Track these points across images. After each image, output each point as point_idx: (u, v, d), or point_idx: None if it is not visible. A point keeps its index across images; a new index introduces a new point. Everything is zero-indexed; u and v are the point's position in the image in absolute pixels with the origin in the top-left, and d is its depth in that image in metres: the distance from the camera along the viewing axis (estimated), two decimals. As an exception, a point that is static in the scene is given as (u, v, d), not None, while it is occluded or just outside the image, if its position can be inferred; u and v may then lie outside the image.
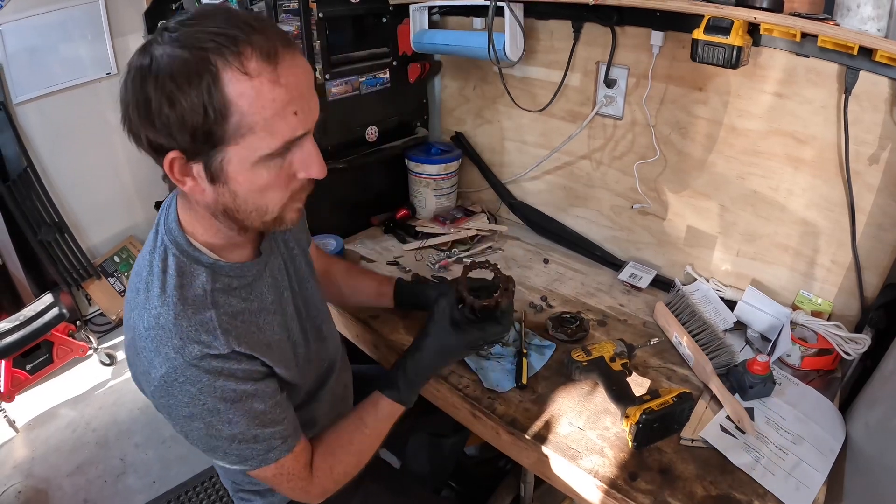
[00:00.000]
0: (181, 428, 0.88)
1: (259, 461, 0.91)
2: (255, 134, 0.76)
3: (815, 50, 1.20)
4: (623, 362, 1.26)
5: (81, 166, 3.12)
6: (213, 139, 0.75)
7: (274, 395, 0.92)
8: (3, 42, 2.78)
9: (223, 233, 0.91)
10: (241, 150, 0.77)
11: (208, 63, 0.72)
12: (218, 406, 0.84)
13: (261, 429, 0.89)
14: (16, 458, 2.48)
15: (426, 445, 1.60)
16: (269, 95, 0.74)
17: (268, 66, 0.74)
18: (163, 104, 0.72)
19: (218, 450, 0.89)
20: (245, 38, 0.73)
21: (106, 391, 2.87)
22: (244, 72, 0.72)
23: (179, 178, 0.80)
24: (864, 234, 1.29)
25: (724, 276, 1.56)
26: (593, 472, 1.07)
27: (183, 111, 0.72)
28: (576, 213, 1.86)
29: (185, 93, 0.72)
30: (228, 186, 0.81)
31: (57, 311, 2.76)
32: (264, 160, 0.79)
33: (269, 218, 0.87)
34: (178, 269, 0.87)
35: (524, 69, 1.77)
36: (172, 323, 0.82)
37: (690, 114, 1.46)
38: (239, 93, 0.73)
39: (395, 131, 1.99)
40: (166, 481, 2.33)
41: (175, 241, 0.89)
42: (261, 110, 0.74)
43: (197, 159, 0.78)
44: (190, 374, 0.82)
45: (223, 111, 0.73)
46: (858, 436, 1.13)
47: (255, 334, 0.91)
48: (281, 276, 1.05)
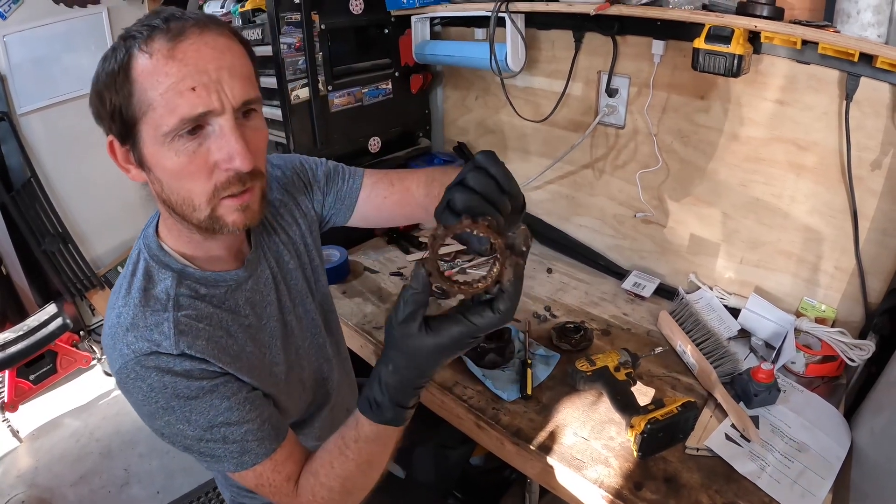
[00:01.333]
0: (151, 426, 0.86)
1: (235, 464, 0.86)
2: (155, 111, 0.76)
3: (816, 57, 1.21)
4: (627, 372, 1.26)
5: (85, 176, 3.13)
6: (126, 118, 0.78)
7: (238, 392, 0.86)
8: (8, 53, 2.80)
9: (186, 237, 0.89)
10: (148, 128, 0.77)
11: (125, 45, 0.76)
12: (171, 403, 0.81)
13: (227, 427, 0.84)
14: (19, 467, 2.48)
15: (432, 456, 1.60)
16: (164, 70, 0.75)
17: (168, 43, 0.75)
18: (97, 82, 0.78)
19: (191, 450, 0.86)
20: (162, 26, 0.76)
21: (109, 401, 2.87)
22: (146, 50, 0.75)
23: (124, 165, 0.84)
24: (867, 240, 1.29)
25: (727, 284, 1.56)
26: (598, 483, 1.06)
27: (104, 90, 0.77)
28: (579, 223, 1.86)
29: (105, 74, 0.77)
30: (154, 172, 0.81)
31: (61, 322, 2.77)
32: (171, 141, 0.77)
33: (201, 215, 0.83)
34: (145, 273, 0.87)
35: (526, 79, 1.78)
36: (130, 322, 0.83)
37: (692, 122, 1.47)
38: (139, 70, 0.75)
39: (397, 142, 2.00)
40: (170, 492, 2.32)
41: (148, 245, 0.90)
42: (156, 85, 0.75)
43: (126, 143, 0.81)
44: (139, 370, 0.81)
45: (129, 88, 0.76)
46: (864, 442, 1.13)
47: (222, 339, 0.89)
48: (266, 290, 1.01)
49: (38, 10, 2.82)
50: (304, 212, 1.13)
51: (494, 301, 0.68)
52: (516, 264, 0.68)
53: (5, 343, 2.58)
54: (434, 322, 0.70)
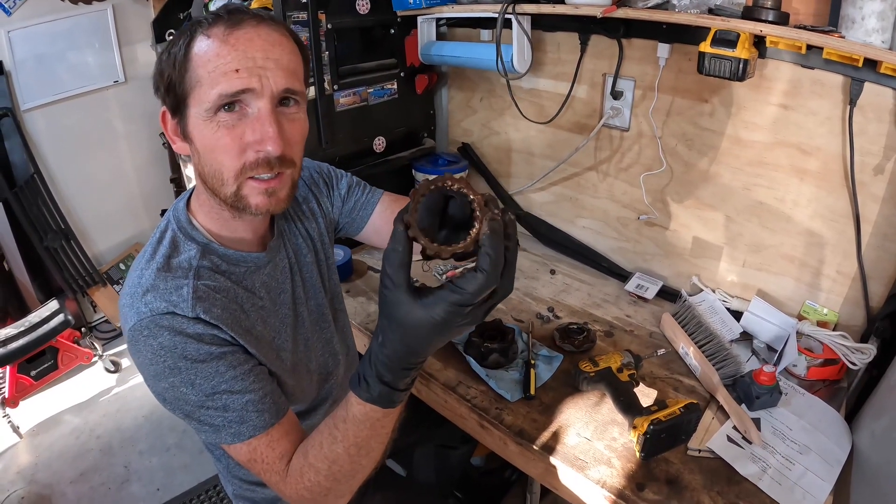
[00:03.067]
0: (154, 389, 0.88)
1: (232, 435, 0.86)
2: (202, 87, 0.83)
3: (821, 62, 1.22)
4: (630, 373, 1.26)
5: (88, 173, 3.14)
6: (179, 93, 0.85)
7: (244, 363, 0.88)
8: (12, 49, 2.80)
9: (216, 213, 0.94)
10: (194, 102, 0.84)
11: (189, 30, 0.84)
12: (178, 364, 0.83)
13: (229, 395, 0.85)
14: (19, 463, 2.48)
15: (433, 456, 1.61)
16: (216, 51, 0.82)
17: (225, 30, 0.82)
18: (160, 58, 0.86)
19: (191, 417, 0.87)
20: (225, 15, 0.84)
21: (110, 398, 2.87)
22: (207, 35, 0.82)
23: (171, 135, 0.90)
24: (869, 245, 1.30)
25: (730, 287, 1.57)
26: (601, 483, 1.07)
27: (165, 66, 0.85)
28: (582, 224, 1.87)
29: (171, 49, 0.85)
30: (194, 144, 0.87)
31: (62, 318, 2.77)
32: (211, 116, 0.83)
33: (228, 190, 0.87)
34: (171, 242, 0.92)
35: (531, 81, 1.79)
36: (151, 283, 0.86)
37: (696, 125, 1.48)
38: (196, 50, 0.82)
39: (402, 142, 2.00)
40: (170, 489, 2.32)
41: (177, 217, 0.95)
42: (207, 64, 0.82)
43: (176, 115, 0.88)
44: (153, 328, 0.83)
45: (185, 64, 0.83)
46: (864, 445, 1.13)
47: (235, 312, 0.91)
48: (283, 278, 1.05)
49: (42, 7, 2.83)
50: (325, 212, 1.18)
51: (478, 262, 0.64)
52: (492, 219, 0.64)
53: (6, 339, 2.58)
54: (424, 292, 0.67)
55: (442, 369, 1.37)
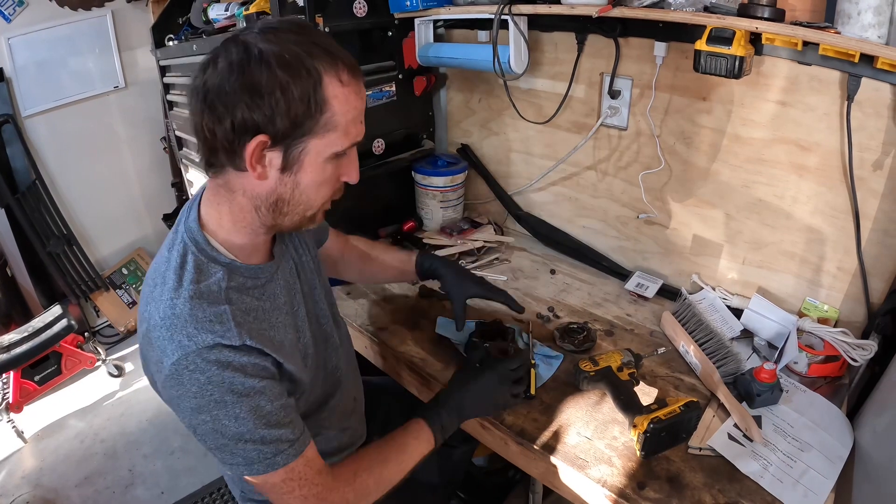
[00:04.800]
0: (189, 422, 0.89)
1: (266, 465, 0.91)
2: (336, 132, 0.88)
3: (817, 58, 1.21)
4: (630, 372, 1.26)
5: (90, 179, 3.15)
6: (304, 129, 0.86)
7: (280, 397, 0.93)
8: (12, 55, 2.82)
9: (250, 229, 0.96)
10: (322, 143, 0.88)
11: (313, 66, 0.84)
12: (225, 398, 0.85)
13: (267, 429, 0.89)
14: (24, 468, 2.50)
15: (435, 455, 1.60)
16: (353, 103, 0.89)
17: (353, 80, 0.89)
18: (275, 90, 0.82)
19: (225, 448, 0.89)
20: (335, 53, 0.87)
21: (114, 402, 2.89)
22: (339, 80, 0.86)
23: (254, 163, 0.87)
24: (869, 241, 1.29)
25: (730, 285, 1.57)
26: (602, 482, 1.07)
27: (291, 99, 0.83)
28: (582, 224, 1.87)
29: (296, 84, 0.83)
30: (296, 176, 0.90)
31: (65, 323, 2.78)
32: (332, 157, 0.91)
33: (310, 214, 0.96)
34: (195, 266, 0.91)
35: (529, 81, 1.79)
36: (188, 312, 0.86)
37: (694, 123, 1.47)
38: (334, 95, 0.86)
39: (401, 144, 2.00)
40: (175, 492, 2.33)
41: (194, 239, 0.94)
42: (345, 113, 0.88)
43: (279, 146, 0.87)
44: (200, 362, 0.84)
45: (321, 106, 0.86)
46: (866, 442, 1.13)
47: (266, 332, 0.94)
48: (292, 279, 1.09)
49: (42, 13, 2.85)
50: None
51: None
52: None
53: (10, 344, 2.60)
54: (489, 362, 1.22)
55: (442, 370, 1.37)
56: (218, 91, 0.83)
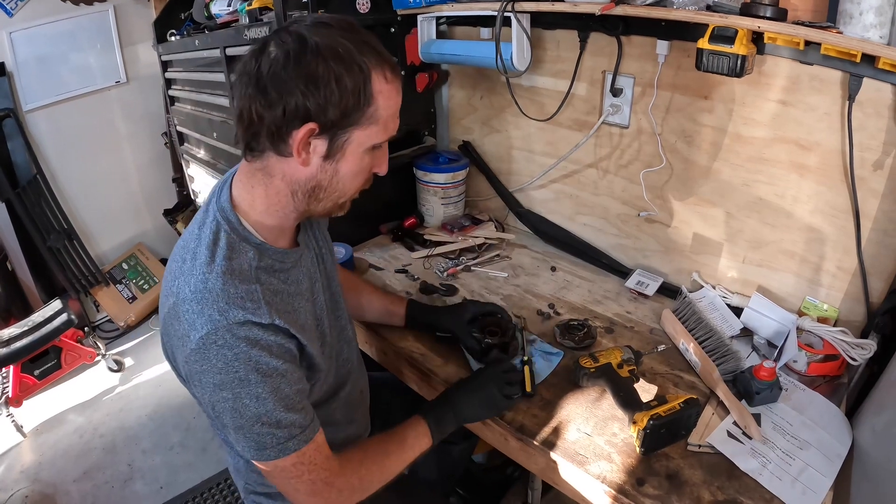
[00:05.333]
0: (209, 398, 0.90)
1: (278, 450, 0.92)
2: (378, 125, 0.93)
3: (819, 58, 1.21)
4: (630, 369, 1.27)
5: (90, 174, 3.15)
6: (351, 119, 0.90)
7: (299, 382, 0.95)
8: (14, 50, 2.82)
9: (284, 213, 0.99)
10: (364, 134, 0.92)
11: (363, 61, 0.88)
12: (249, 376, 0.87)
13: (284, 413, 0.91)
14: (23, 462, 2.50)
15: (434, 452, 1.60)
16: (395, 100, 0.94)
17: (395, 78, 0.94)
18: (331, 80, 0.86)
19: (240, 429, 0.90)
20: (382, 53, 0.92)
21: (114, 397, 2.89)
22: (385, 77, 0.91)
23: (300, 149, 0.90)
24: (869, 240, 1.30)
25: (730, 283, 1.57)
26: (601, 478, 1.07)
27: (344, 90, 0.87)
28: (583, 221, 1.87)
29: (349, 77, 0.87)
30: (337, 164, 0.94)
31: (65, 318, 2.78)
32: (370, 149, 0.95)
33: (342, 201, 1.01)
34: (228, 244, 0.94)
35: (531, 78, 1.79)
36: (220, 288, 0.88)
37: (696, 122, 1.48)
38: (379, 90, 0.90)
39: (403, 140, 2.01)
40: (174, 487, 2.34)
41: (227, 218, 0.96)
42: (387, 108, 0.93)
43: (326, 134, 0.90)
44: (229, 337, 0.86)
45: (368, 99, 0.90)
46: (865, 441, 1.13)
47: (291, 314, 0.96)
48: (313, 268, 1.12)
49: (44, 8, 2.85)
50: None
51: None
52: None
53: (10, 338, 2.60)
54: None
55: (442, 365, 1.37)
56: (273, 77, 0.86)
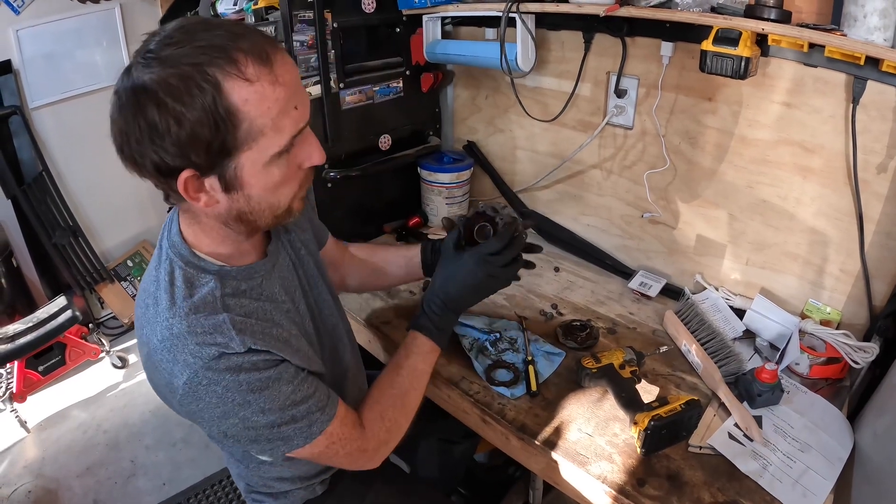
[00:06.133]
0: (218, 429, 0.88)
1: (304, 438, 0.91)
2: (265, 136, 0.79)
3: (823, 60, 1.21)
4: (632, 370, 1.27)
5: (96, 171, 3.15)
6: (227, 149, 0.77)
7: (297, 374, 0.92)
8: (20, 47, 2.82)
9: (231, 239, 0.93)
10: (253, 153, 0.80)
11: (205, 75, 0.73)
12: (248, 398, 0.85)
13: (295, 407, 0.89)
14: (27, 457, 2.51)
15: (436, 451, 1.61)
16: (273, 96, 0.77)
17: (264, 68, 0.76)
18: (170, 125, 0.73)
19: (260, 440, 0.90)
20: (233, 45, 0.75)
21: (117, 393, 2.90)
22: (244, 78, 0.75)
23: (194, 195, 0.81)
24: (872, 243, 1.29)
25: (733, 285, 1.57)
26: (602, 478, 1.07)
27: (193, 127, 0.74)
28: (586, 222, 1.87)
29: (190, 108, 0.73)
30: (243, 192, 0.83)
31: (70, 314, 2.79)
32: (274, 159, 0.82)
33: (281, 212, 0.90)
34: (185, 280, 0.88)
35: (536, 79, 1.79)
36: (186, 330, 0.83)
37: (700, 123, 1.48)
38: (244, 99, 0.75)
39: (408, 140, 2.01)
40: (176, 484, 2.35)
41: (179, 253, 0.91)
42: (267, 112, 0.77)
43: (210, 173, 0.80)
44: (211, 375, 0.82)
45: (232, 120, 0.75)
46: (866, 444, 1.13)
47: (271, 329, 0.92)
48: (290, 275, 1.07)
49: (50, 6, 2.85)
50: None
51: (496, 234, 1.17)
52: (508, 219, 1.19)
53: (15, 334, 2.61)
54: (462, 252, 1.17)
55: (445, 364, 1.37)
56: (127, 140, 0.77)
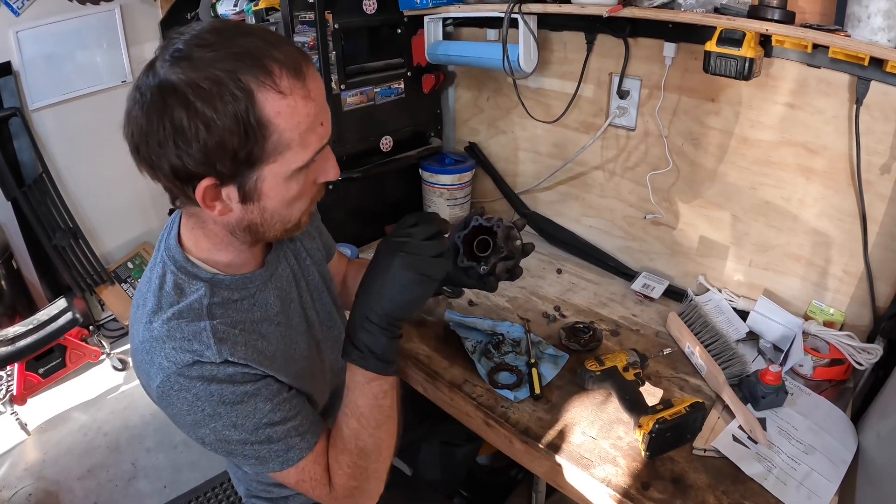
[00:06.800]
0: (193, 435, 0.88)
1: (280, 462, 0.89)
2: (291, 150, 0.78)
3: (827, 61, 1.21)
4: (636, 372, 1.26)
5: (96, 172, 3.15)
6: (252, 160, 0.76)
7: (279, 393, 0.89)
8: (20, 49, 2.82)
9: (233, 247, 0.91)
10: (277, 167, 0.78)
11: (239, 82, 0.71)
12: (218, 410, 0.83)
13: (271, 428, 0.87)
14: (27, 460, 2.50)
15: (438, 454, 1.61)
16: (304, 111, 0.76)
17: (298, 82, 0.75)
18: (199, 129, 0.71)
19: (234, 454, 0.88)
20: (269, 55, 0.74)
21: (118, 396, 2.89)
22: (278, 90, 0.73)
23: (210, 203, 0.79)
24: (875, 244, 1.29)
25: (736, 287, 1.57)
26: (606, 482, 1.07)
27: (222, 134, 0.72)
28: (589, 224, 1.87)
29: (221, 115, 0.71)
30: (260, 203, 0.82)
31: (70, 316, 2.78)
32: (295, 173, 0.81)
33: (291, 225, 0.89)
34: (175, 286, 0.87)
35: (538, 80, 1.79)
36: (165, 334, 0.83)
37: (703, 124, 1.47)
38: (276, 111, 0.74)
39: (409, 141, 2.01)
40: (177, 486, 2.33)
41: (173, 257, 0.90)
42: (297, 126, 0.76)
43: (231, 182, 0.78)
44: (183, 381, 0.81)
45: (263, 131, 0.74)
46: (870, 446, 1.13)
47: (256, 342, 0.90)
48: (288, 286, 1.04)
49: (50, 7, 2.84)
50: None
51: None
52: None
53: (15, 336, 2.60)
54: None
55: (448, 367, 1.37)
56: (145, 141, 0.75)
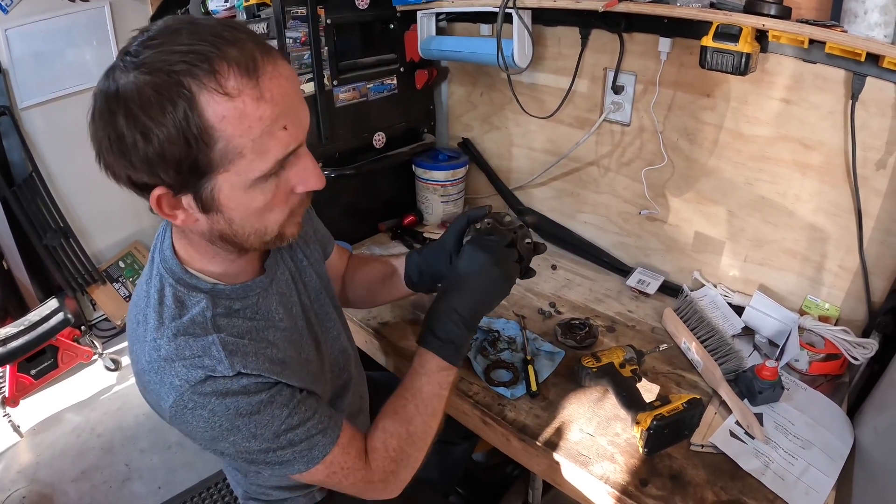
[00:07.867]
0: (212, 449, 0.86)
1: (306, 462, 0.88)
2: (245, 157, 0.71)
3: (823, 56, 1.21)
4: (633, 368, 1.26)
5: (87, 171, 3.06)
6: (200, 169, 0.70)
7: (293, 396, 0.87)
8: (9, 47, 2.79)
9: (221, 257, 0.88)
10: (232, 176, 0.72)
11: (181, 87, 0.65)
12: (236, 423, 0.81)
13: (291, 432, 0.85)
14: (20, 462, 2.48)
15: (434, 451, 1.60)
16: (255, 114, 0.69)
17: (249, 81, 0.68)
18: (137, 140, 0.67)
19: (257, 462, 0.87)
20: (218, 53, 0.67)
21: (111, 396, 2.87)
22: (223, 92, 0.66)
23: (169, 213, 0.76)
24: (871, 239, 1.29)
25: (731, 282, 1.57)
26: (604, 479, 1.07)
27: (161, 144, 0.67)
28: (583, 220, 1.86)
29: (159, 124, 0.66)
30: (223, 214, 0.77)
31: (62, 316, 2.76)
32: (258, 182, 0.74)
33: (269, 237, 0.83)
34: (175, 299, 0.84)
35: (532, 75, 1.78)
36: (174, 353, 0.80)
37: (698, 120, 1.47)
38: (220, 116, 0.67)
39: (402, 137, 2.00)
40: (172, 487, 2.32)
41: (170, 269, 0.86)
42: (247, 131, 0.69)
43: (185, 191, 0.74)
44: (197, 398, 0.79)
45: (206, 138, 0.68)
46: (867, 440, 1.13)
47: (266, 350, 0.87)
48: (289, 290, 1.02)
49: (40, 4, 2.82)
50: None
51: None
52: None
53: (6, 338, 2.58)
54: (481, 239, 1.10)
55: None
56: (100, 149, 0.71)
